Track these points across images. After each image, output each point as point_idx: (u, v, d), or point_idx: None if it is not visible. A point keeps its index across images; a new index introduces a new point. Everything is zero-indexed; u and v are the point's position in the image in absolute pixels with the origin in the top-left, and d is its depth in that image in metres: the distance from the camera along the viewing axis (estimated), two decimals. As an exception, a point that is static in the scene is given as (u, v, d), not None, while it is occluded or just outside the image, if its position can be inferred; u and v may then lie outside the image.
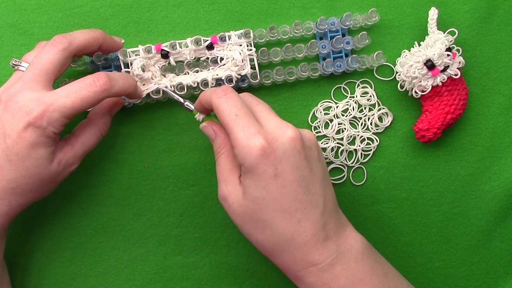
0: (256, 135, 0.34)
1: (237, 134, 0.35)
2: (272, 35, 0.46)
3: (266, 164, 0.34)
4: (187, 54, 0.45)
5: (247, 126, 0.35)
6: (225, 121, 0.36)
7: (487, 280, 0.49)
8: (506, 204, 0.48)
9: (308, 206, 0.35)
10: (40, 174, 0.39)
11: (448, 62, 0.43)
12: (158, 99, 0.46)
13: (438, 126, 0.45)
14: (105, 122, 0.44)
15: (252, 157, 0.34)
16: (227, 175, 0.38)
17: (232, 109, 0.36)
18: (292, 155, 0.35)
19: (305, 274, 0.36)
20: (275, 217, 0.35)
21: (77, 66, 0.45)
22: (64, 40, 0.40)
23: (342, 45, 0.46)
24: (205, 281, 0.49)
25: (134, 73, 0.44)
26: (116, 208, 0.48)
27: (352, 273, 0.36)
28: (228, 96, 0.36)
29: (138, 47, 0.44)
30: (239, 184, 0.37)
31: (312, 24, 0.46)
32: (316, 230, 0.35)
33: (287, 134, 0.35)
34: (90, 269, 0.48)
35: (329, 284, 0.36)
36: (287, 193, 0.35)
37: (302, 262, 0.36)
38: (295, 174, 0.35)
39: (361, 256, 0.37)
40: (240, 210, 0.36)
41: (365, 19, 0.46)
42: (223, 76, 0.45)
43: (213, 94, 0.37)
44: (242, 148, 0.34)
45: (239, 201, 0.36)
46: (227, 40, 0.45)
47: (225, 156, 0.39)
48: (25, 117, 0.37)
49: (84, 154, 0.42)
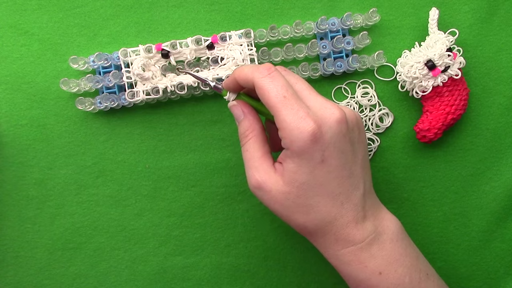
0: (306, 119, 0.33)
1: (286, 117, 0.33)
2: (273, 35, 0.46)
3: (314, 150, 0.34)
4: (187, 54, 0.45)
5: (296, 108, 0.34)
6: (272, 103, 0.34)
7: (488, 281, 0.49)
8: (507, 204, 0.48)
9: (350, 188, 0.36)
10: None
11: (449, 63, 0.43)
12: (159, 99, 0.46)
13: (438, 126, 0.45)
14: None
15: (302, 141, 0.33)
16: (258, 163, 0.36)
17: (279, 90, 0.34)
18: (338, 140, 0.34)
19: (344, 253, 0.36)
20: (319, 201, 0.35)
21: (78, 66, 0.45)
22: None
23: (342, 45, 0.46)
24: (206, 282, 0.49)
25: (134, 73, 0.44)
26: (116, 209, 0.48)
27: (387, 253, 0.37)
28: (273, 75, 0.35)
29: (139, 47, 0.44)
30: (274, 171, 0.36)
31: (312, 24, 0.46)
32: (357, 211, 0.36)
33: (334, 117, 0.34)
34: (90, 270, 0.48)
35: (365, 263, 0.36)
36: (332, 178, 0.35)
37: (343, 242, 0.36)
38: (340, 158, 0.35)
39: (396, 237, 0.37)
40: (280, 196, 0.35)
41: (365, 19, 0.46)
42: (224, 76, 0.45)
43: (255, 73, 0.35)
44: (291, 131, 0.33)
45: (278, 187, 0.35)
46: (227, 40, 0.45)
47: (254, 141, 0.37)
48: None
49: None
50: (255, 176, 0.36)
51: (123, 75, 0.45)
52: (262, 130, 0.38)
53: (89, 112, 0.47)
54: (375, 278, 0.36)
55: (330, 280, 0.49)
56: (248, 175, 0.37)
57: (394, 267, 0.37)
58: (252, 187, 0.36)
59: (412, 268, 0.37)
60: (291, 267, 0.49)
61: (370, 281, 0.36)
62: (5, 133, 0.48)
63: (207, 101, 0.48)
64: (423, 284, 0.38)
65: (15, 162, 0.47)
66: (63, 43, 0.47)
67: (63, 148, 0.48)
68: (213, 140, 0.48)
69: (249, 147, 0.37)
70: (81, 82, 0.46)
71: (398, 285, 0.36)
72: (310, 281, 0.49)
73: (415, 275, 0.37)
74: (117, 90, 0.46)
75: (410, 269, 0.37)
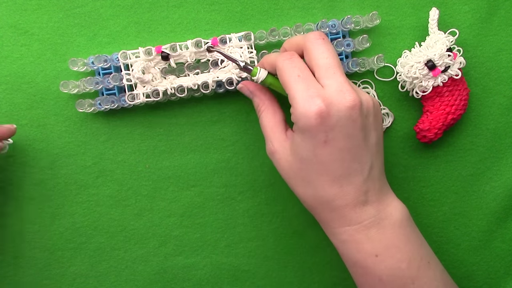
0: (315, 97, 0.35)
1: (296, 94, 0.35)
2: (273, 37, 0.46)
3: (318, 129, 0.35)
4: (187, 56, 0.45)
5: (307, 87, 0.35)
6: (286, 80, 0.36)
7: (488, 281, 0.49)
8: (507, 204, 0.48)
9: (352, 172, 0.36)
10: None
11: (449, 63, 0.43)
12: (159, 101, 0.46)
13: (439, 126, 0.45)
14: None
15: (307, 118, 0.35)
16: (271, 133, 0.40)
17: (295, 70, 0.36)
18: (346, 124, 0.35)
19: (340, 232, 0.38)
20: (318, 179, 0.36)
21: (77, 68, 0.45)
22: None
23: (342, 48, 0.46)
24: (206, 282, 0.49)
25: (134, 76, 0.44)
26: (116, 209, 0.48)
27: (386, 238, 0.37)
28: (292, 59, 0.37)
29: (139, 49, 0.44)
30: (285, 139, 0.39)
31: (313, 26, 0.46)
32: (357, 195, 0.37)
33: (345, 102, 0.35)
34: (90, 270, 0.48)
35: (362, 244, 0.37)
36: (333, 160, 0.36)
37: (339, 221, 0.37)
38: (345, 142, 0.35)
39: (399, 224, 0.38)
40: (286, 165, 0.38)
41: (366, 22, 0.46)
42: (224, 78, 0.45)
43: (278, 57, 0.38)
44: (299, 107, 0.35)
45: (285, 156, 0.38)
46: (227, 43, 0.45)
47: (265, 113, 0.41)
48: None
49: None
50: (269, 145, 0.40)
51: (123, 78, 0.45)
52: (273, 102, 0.41)
53: (89, 113, 0.47)
54: (371, 260, 0.37)
55: (330, 280, 0.49)
56: (266, 142, 0.40)
57: (392, 252, 0.37)
58: (268, 153, 0.40)
59: (412, 255, 0.38)
60: (291, 267, 0.49)
61: (366, 262, 0.37)
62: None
63: (207, 101, 0.48)
64: (422, 271, 0.38)
65: (15, 162, 0.47)
66: (63, 43, 0.47)
67: (63, 148, 0.48)
68: (213, 140, 0.48)
69: (262, 120, 0.41)
70: (80, 84, 0.46)
71: (394, 269, 0.37)
72: (310, 281, 0.49)
73: (414, 263, 0.38)
74: (117, 91, 0.46)
75: (410, 256, 0.38)
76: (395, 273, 0.37)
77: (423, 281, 0.38)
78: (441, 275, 0.40)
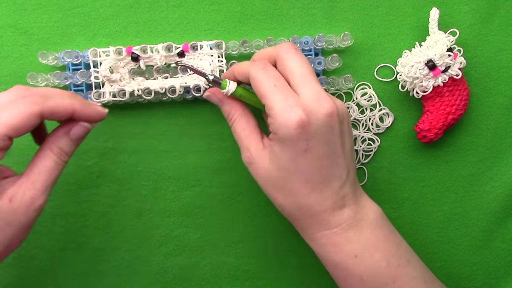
0: (294, 107, 0.34)
1: (275, 104, 0.35)
2: (245, 49, 0.46)
3: (299, 139, 0.34)
4: (157, 60, 0.45)
5: (285, 97, 0.35)
6: (263, 91, 0.36)
7: (488, 281, 0.49)
8: (507, 204, 0.48)
9: (331, 178, 0.37)
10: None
11: (449, 63, 0.43)
12: (125, 101, 0.46)
13: (439, 126, 0.45)
14: (61, 146, 0.37)
15: (287, 128, 0.34)
16: (247, 141, 0.39)
17: (270, 80, 0.36)
18: (325, 132, 0.35)
19: (319, 236, 0.38)
20: (299, 187, 0.36)
21: (47, 61, 0.45)
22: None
23: (313, 65, 0.46)
24: (206, 282, 0.49)
25: (101, 74, 0.44)
26: (116, 209, 0.48)
27: (364, 238, 0.37)
28: (267, 68, 0.37)
29: (109, 48, 0.45)
30: (262, 148, 0.38)
31: (285, 41, 0.46)
32: (336, 200, 0.37)
33: (323, 110, 0.35)
34: (91, 270, 0.48)
35: (341, 246, 0.37)
36: (314, 167, 0.36)
37: (319, 226, 0.37)
38: (324, 149, 0.35)
39: (375, 224, 0.38)
40: (264, 174, 0.37)
41: (338, 42, 0.46)
42: (191, 85, 0.45)
43: (251, 66, 0.37)
44: (278, 118, 0.34)
45: (264, 165, 0.37)
46: (198, 50, 0.45)
47: (238, 121, 0.40)
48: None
49: (46, 184, 0.35)
50: (246, 153, 0.38)
51: (91, 75, 0.45)
52: (245, 109, 0.40)
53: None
54: (351, 261, 0.37)
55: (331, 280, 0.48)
56: (241, 150, 0.39)
57: (371, 252, 0.37)
58: (244, 162, 0.39)
59: (391, 254, 0.38)
60: (292, 268, 0.49)
61: (346, 263, 0.37)
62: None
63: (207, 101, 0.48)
64: (401, 270, 0.38)
65: (15, 162, 0.47)
66: (63, 43, 0.47)
67: (63, 148, 0.48)
68: (213, 140, 0.48)
69: (236, 128, 0.40)
70: (49, 78, 0.46)
71: (374, 268, 0.37)
72: (311, 282, 0.49)
73: (393, 261, 0.38)
74: (85, 88, 0.46)
75: (389, 255, 0.38)
76: (375, 273, 0.37)
77: (403, 279, 0.38)
78: (422, 272, 0.40)
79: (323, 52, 0.47)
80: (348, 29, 0.47)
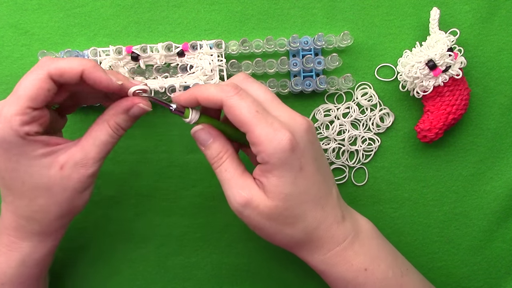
0: (281, 129, 0.33)
1: (262, 131, 0.33)
2: (245, 48, 0.46)
3: (293, 158, 0.34)
4: (157, 59, 0.45)
5: (270, 121, 0.34)
6: (245, 119, 0.34)
7: (488, 281, 0.48)
8: (507, 204, 0.48)
9: (327, 191, 0.37)
10: (42, 184, 0.36)
11: (450, 62, 0.43)
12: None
13: (439, 126, 0.45)
14: (117, 120, 0.37)
15: (281, 152, 0.33)
16: (241, 180, 0.36)
17: (250, 106, 0.34)
18: (309, 147, 0.35)
19: (330, 256, 0.37)
20: (305, 209, 0.36)
21: None
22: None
23: (312, 64, 0.46)
24: (206, 282, 0.49)
25: None
26: (117, 209, 0.48)
27: (367, 250, 0.38)
28: (241, 94, 0.34)
29: (109, 47, 0.45)
30: (257, 186, 0.35)
31: (285, 40, 0.46)
32: (336, 212, 0.37)
33: (303, 127, 0.35)
34: (91, 270, 0.48)
35: (351, 261, 0.37)
36: (311, 184, 0.35)
37: (328, 244, 0.37)
38: (314, 165, 0.36)
39: (371, 235, 0.39)
40: (267, 211, 0.35)
41: (338, 41, 0.46)
42: (191, 84, 0.45)
43: (222, 93, 0.34)
44: (269, 144, 0.33)
45: (264, 203, 0.35)
46: (198, 49, 0.45)
47: (231, 160, 0.37)
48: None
49: (99, 154, 0.37)
50: (241, 193, 0.35)
51: None
52: (234, 149, 0.38)
53: (90, 111, 0.48)
54: (362, 275, 0.37)
55: (331, 280, 0.48)
56: (232, 194, 0.36)
57: (377, 263, 0.38)
58: (238, 205, 0.35)
59: (393, 263, 0.39)
60: (292, 267, 0.49)
61: (358, 279, 0.37)
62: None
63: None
64: (405, 278, 0.39)
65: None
66: (64, 43, 0.47)
67: (63, 148, 0.48)
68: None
69: (227, 167, 0.37)
70: None
71: (383, 279, 0.37)
72: (311, 282, 0.49)
73: (396, 270, 0.38)
74: None
75: (391, 264, 0.38)
76: (385, 284, 0.37)
77: (409, 286, 0.38)
78: (421, 279, 0.41)
79: (323, 52, 0.47)
80: (348, 28, 0.47)
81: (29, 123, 0.34)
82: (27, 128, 0.34)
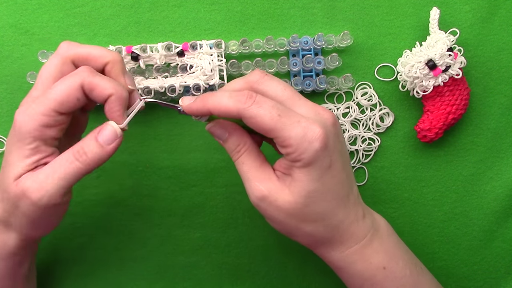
0: (311, 126, 0.32)
1: (290, 133, 0.32)
2: (244, 48, 0.46)
3: (324, 156, 0.33)
4: (157, 59, 0.45)
5: (296, 120, 0.32)
6: (269, 126, 0.32)
7: (488, 280, 0.48)
8: (508, 204, 0.48)
9: (349, 189, 0.36)
10: None
11: (450, 62, 0.43)
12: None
13: (439, 126, 0.45)
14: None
15: (313, 150, 0.32)
16: (259, 172, 0.35)
17: (272, 112, 0.32)
18: (337, 142, 0.34)
19: (349, 254, 0.36)
20: (328, 206, 0.35)
21: (46, 60, 0.45)
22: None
23: (312, 64, 0.46)
24: (206, 281, 0.49)
25: None
26: (117, 209, 0.48)
27: (386, 247, 0.37)
28: (258, 101, 0.33)
29: (109, 47, 0.45)
30: (276, 179, 0.35)
31: (285, 40, 0.46)
32: (357, 210, 0.37)
33: (329, 121, 0.34)
34: (91, 270, 0.48)
35: (370, 259, 0.36)
36: (336, 182, 0.34)
37: (348, 242, 0.36)
38: (340, 161, 0.35)
39: (388, 232, 0.38)
40: (287, 206, 0.34)
41: (338, 41, 0.46)
42: (191, 84, 0.45)
43: (238, 105, 0.33)
44: (300, 145, 0.32)
45: (283, 197, 0.34)
46: (198, 49, 0.45)
47: (248, 153, 0.36)
48: None
49: (56, 185, 0.35)
50: (259, 186, 0.35)
51: None
52: (253, 140, 0.37)
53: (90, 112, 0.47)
54: (380, 274, 0.36)
55: (331, 281, 0.48)
56: (250, 186, 0.35)
57: (395, 261, 0.37)
58: (255, 198, 0.35)
59: (410, 262, 0.38)
60: (292, 267, 0.49)
61: (376, 277, 0.37)
62: (6, 133, 0.48)
63: (207, 101, 0.48)
64: (421, 277, 0.38)
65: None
66: (64, 43, 0.47)
67: (63, 148, 0.48)
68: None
69: (245, 159, 0.36)
70: None
71: (401, 278, 0.37)
72: (311, 281, 0.49)
73: (413, 269, 0.38)
74: None
75: (408, 262, 0.38)
76: (403, 282, 0.37)
77: (424, 286, 0.38)
78: (433, 279, 0.41)
79: (323, 52, 0.47)
80: (348, 28, 0.47)
81: (50, 126, 0.34)
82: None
